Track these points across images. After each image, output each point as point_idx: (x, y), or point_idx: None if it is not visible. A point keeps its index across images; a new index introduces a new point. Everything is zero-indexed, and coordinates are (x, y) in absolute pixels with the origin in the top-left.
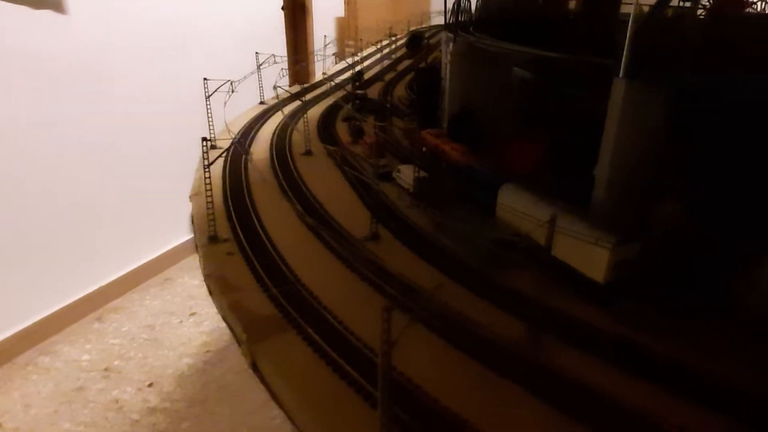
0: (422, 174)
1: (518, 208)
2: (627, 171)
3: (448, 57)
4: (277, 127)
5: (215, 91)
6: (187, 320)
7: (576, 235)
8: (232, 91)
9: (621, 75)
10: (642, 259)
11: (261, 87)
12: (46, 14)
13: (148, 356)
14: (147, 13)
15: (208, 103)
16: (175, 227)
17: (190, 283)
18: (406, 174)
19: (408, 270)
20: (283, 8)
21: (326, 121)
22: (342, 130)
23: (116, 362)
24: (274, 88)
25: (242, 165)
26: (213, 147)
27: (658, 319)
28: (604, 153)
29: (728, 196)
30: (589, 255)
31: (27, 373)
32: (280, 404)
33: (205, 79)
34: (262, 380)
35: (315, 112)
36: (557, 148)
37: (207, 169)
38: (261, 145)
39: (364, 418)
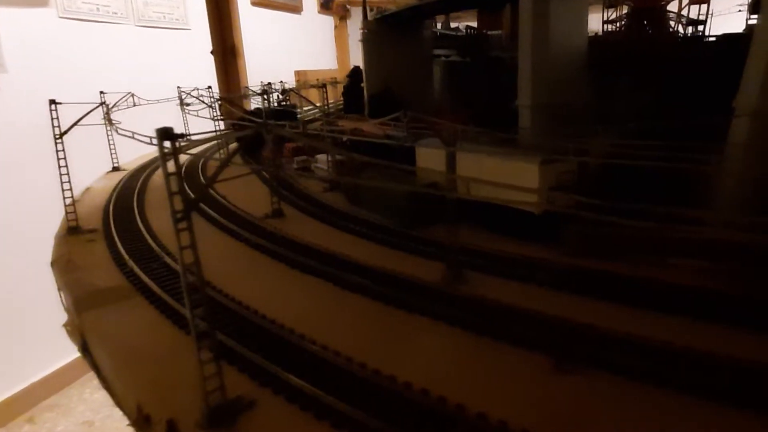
0: (339, 158)
1: (435, 158)
2: (549, 92)
3: (360, 38)
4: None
5: (116, 103)
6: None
7: (502, 162)
8: (134, 105)
9: None
10: (579, 185)
11: (186, 123)
12: None
13: None
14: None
15: (107, 119)
16: None
17: None
18: (323, 161)
19: (316, 237)
20: (212, 53)
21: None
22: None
23: None
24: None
25: (141, 180)
26: (116, 169)
27: (599, 248)
28: (522, 79)
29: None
30: (518, 180)
31: None
32: (99, 372)
33: (101, 92)
34: (91, 363)
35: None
36: (478, 102)
37: (59, 140)
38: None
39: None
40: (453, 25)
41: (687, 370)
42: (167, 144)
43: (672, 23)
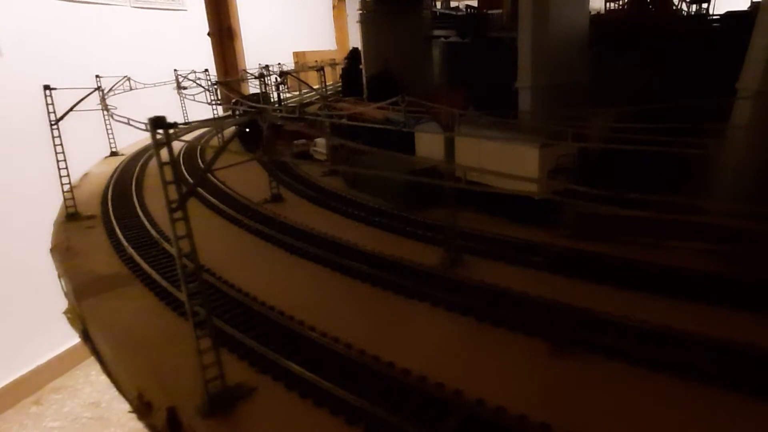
0: (336, 142)
1: (434, 142)
2: (549, 72)
3: (358, 18)
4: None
5: (112, 87)
6: None
7: (502, 146)
8: (130, 88)
9: None
10: (579, 168)
11: (184, 108)
12: None
13: None
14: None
15: (103, 104)
16: None
17: None
18: (321, 145)
19: (315, 222)
20: (209, 34)
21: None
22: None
23: None
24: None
25: (139, 164)
26: (114, 154)
27: (598, 230)
28: (522, 60)
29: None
30: (518, 164)
31: None
32: (100, 359)
33: (97, 76)
34: (92, 350)
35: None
36: (478, 84)
37: (55, 126)
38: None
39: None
40: (453, 4)
41: (683, 353)
42: (160, 132)
43: (675, 1)
